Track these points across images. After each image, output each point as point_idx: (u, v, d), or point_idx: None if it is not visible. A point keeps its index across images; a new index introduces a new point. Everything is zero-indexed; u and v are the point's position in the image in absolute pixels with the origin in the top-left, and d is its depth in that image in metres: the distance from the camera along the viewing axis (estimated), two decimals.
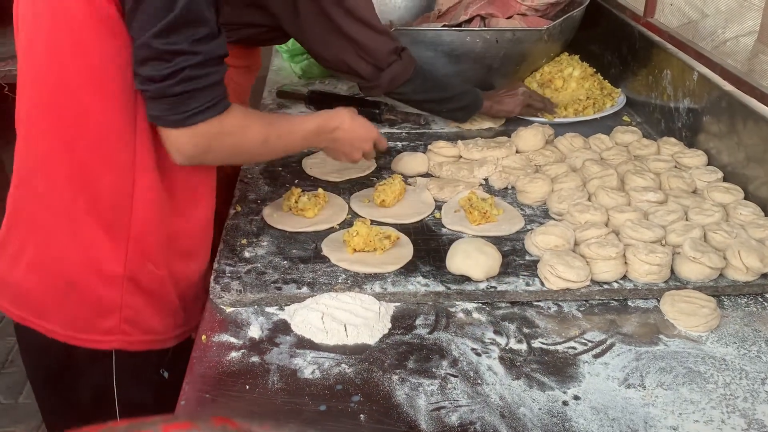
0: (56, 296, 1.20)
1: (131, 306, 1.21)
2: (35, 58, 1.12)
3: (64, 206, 1.15)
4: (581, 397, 1.05)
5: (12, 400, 2.62)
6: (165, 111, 1.08)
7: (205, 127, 1.10)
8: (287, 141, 1.31)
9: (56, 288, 1.19)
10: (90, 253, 1.17)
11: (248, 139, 1.19)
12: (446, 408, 1.02)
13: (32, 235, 1.19)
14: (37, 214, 1.18)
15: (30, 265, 1.20)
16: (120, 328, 1.22)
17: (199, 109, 1.08)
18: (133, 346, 1.24)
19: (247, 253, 1.35)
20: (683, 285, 1.27)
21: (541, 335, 1.17)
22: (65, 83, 1.10)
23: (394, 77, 1.69)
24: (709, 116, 1.66)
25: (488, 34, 1.94)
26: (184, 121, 1.08)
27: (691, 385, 1.07)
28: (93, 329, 1.21)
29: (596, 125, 1.92)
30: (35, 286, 1.21)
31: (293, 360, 1.11)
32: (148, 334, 1.25)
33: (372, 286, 1.25)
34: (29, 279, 1.21)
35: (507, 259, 1.33)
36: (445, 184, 1.59)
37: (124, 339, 1.23)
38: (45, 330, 1.22)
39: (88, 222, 1.15)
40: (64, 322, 1.21)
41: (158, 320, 1.26)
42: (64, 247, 1.17)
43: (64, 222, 1.16)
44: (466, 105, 1.84)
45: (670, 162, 1.62)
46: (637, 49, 2.02)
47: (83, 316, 1.20)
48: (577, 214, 1.41)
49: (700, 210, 1.42)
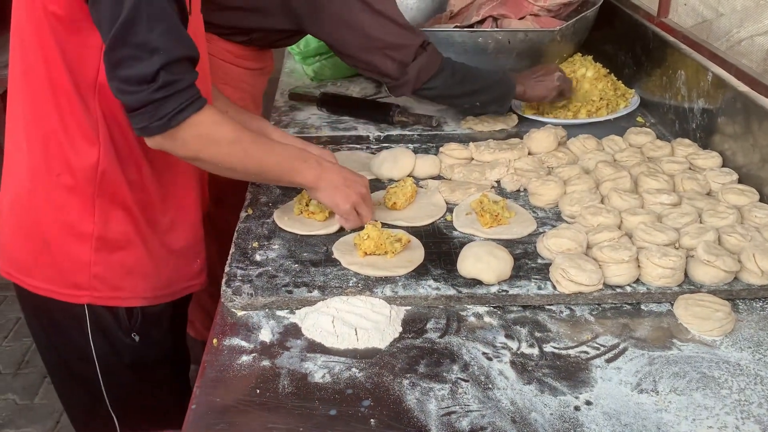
0: (35, 253, 1.31)
1: (100, 263, 1.31)
2: None
3: (38, 172, 1.26)
4: (593, 402, 1.04)
5: (28, 401, 2.65)
6: (149, 119, 1.13)
7: (187, 129, 1.15)
8: (268, 150, 1.30)
9: (34, 246, 1.31)
10: (62, 214, 1.27)
11: (220, 134, 1.21)
12: (457, 413, 1.02)
13: (13, 197, 1.32)
14: (16, 179, 1.30)
15: (12, 224, 1.33)
16: (89, 284, 1.31)
17: (177, 109, 1.13)
18: (100, 301, 1.34)
19: (258, 257, 1.36)
20: (697, 288, 1.26)
21: (553, 339, 1.17)
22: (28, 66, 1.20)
23: (421, 70, 1.68)
24: (723, 117, 1.64)
25: (500, 35, 1.93)
26: (168, 125, 1.14)
27: (705, 390, 1.06)
28: (67, 284, 1.32)
29: (610, 126, 1.91)
30: (18, 244, 1.34)
31: (304, 364, 1.11)
32: (115, 290, 1.34)
33: (383, 290, 1.25)
34: (13, 237, 1.34)
35: (519, 263, 1.32)
36: (456, 187, 1.58)
37: (93, 294, 1.32)
38: (28, 285, 1.34)
39: (59, 185, 1.25)
40: (43, 277, 1.32)
41: (127, 279, 1.34)
42: (39, 209, 1.28)
43: (39, 185, 1.26)
44: (500, 95, 1.80)
45: (684, 164, 1.61)
46: (650, 49, 2.01)
47: (58, 272, 1.31)
48: (589, 216, 1.40)
49: (715, 212, 1.40)
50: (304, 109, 2.11)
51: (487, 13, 2.17)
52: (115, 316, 1.37)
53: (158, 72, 1.09)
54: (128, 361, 1.41)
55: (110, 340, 1.38)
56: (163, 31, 1.10)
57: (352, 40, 1.65)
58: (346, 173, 1.40)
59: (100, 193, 1.26)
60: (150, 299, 1.39)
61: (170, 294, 1.43)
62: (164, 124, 1.13)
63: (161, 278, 1.39)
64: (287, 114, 2.08)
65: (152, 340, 1.42)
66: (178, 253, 1.41)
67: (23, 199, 1.31)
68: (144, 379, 1.44)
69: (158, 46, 1.09)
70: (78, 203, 1.26)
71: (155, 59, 1.09)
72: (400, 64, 1.67)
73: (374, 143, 1.88)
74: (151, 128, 1.14)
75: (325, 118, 2.04)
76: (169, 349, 1.50)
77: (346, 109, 2.05)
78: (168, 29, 1.11)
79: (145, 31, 1.08)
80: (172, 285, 1.43)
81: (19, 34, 1.21)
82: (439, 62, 1.70)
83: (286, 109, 2.12)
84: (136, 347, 1.41)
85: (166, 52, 1.10)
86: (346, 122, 2.01)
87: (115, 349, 1.39)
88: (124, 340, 1.39)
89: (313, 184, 1.35)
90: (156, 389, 1.49)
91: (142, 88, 1.10)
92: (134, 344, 1.40)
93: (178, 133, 1.15)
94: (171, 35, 1.11)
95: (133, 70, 1.10)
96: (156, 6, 1.09)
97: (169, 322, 1.46)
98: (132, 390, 1.45)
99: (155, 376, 1.48)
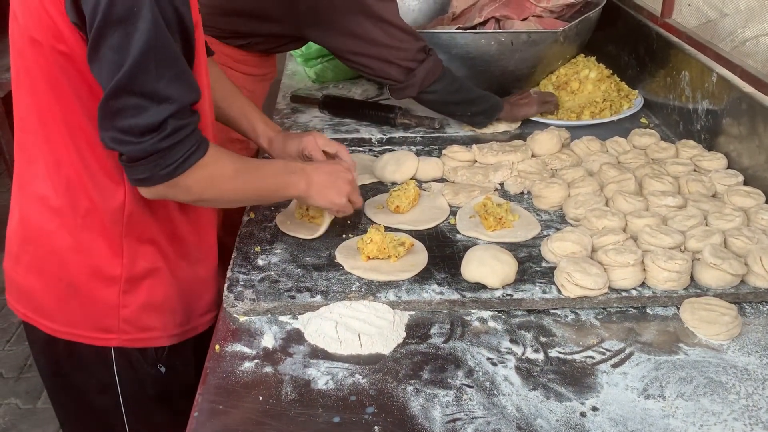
0: (58, 297, 1.23)
1: (129, 306, 1.24)
2: None
3: (62, 214, 1.18)
4: (599, 408, 1.03)
5: (30, 405, 2.64)
6: (153, 169, 1.06)
7: (192, 173, 1.09)
8: (260, 175, 1.27)
9: (58, 289, 1.23)
10: (89, 257, 1.20)
11: (219, 173, 1.16)
12: (462, 420, 1.01)
13: (33, 238, 1.22)
14: (37, 219, 1.20)
15: (32, 266, 1.24)
16: (119, 327, 1.25)
17: (185, 155, 1.07)
18: (131, 343, 1.27)
19: (260, 261, 1.35)
20: (703, 292, 1.25)
21: (558, 344, 1.16)
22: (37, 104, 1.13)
23: (428, 74, 1.70)
24: (728, 118, 1.63)
25: (503, 37, 1.92)
26: (174, 173, 1.07)
27: (713, 395, 1.05)
28: (93, 328, 1.25)
29: (613, 127, 1.90)
30: (38, 286, 1.25)
31: (307, 370, 1.10)
32: (145, 332, 1.28)
33: (386, 294, 1.24)
34: (32, 279, 1.25)
35: (523, 266, 1.31)
36: (460, 189, 1.57)
37: (123, 337, 1.26)
38: (48, 329, 1.26)
39: (85, 227, 1.18)
40: (66, 321, 1.25)
41: (156, 319, 1.28)
42: (63, 251, 1.20)
43: (65, 228, 1.18)
44: (489, 107, 1.85)
45: (689, 165, 1.60)
46: (654, 50, 1.99)
47: (84, 316, 1.24)
48: (594, 219, 1.39)
49: (721, 215, 1.39)
50: (306, 112, 2.10)
51: (490, 15, 2.16)
52: (144, 354, 1.31)
53: (166, 120, 1.03)
54: (152, 393, 1.35)
55: (137, 375, 1.32)
56: (172, 78, 1.03)
57: (355, 46, 1.65)
58: (329, 168, 1.38)
59: (128, 232, 1.20)
60: (177, 336, 1.33)
61: (193, 329, 1.37)
62: (170, 173, 1.07)
63: (187, 310, 1.34)
64: (289, 116, 2.07)
65: (177, 371, 1.37)
66: (203, 282, 1.36)
67: (45, 241, 1.21)
68: (166, 409, 1.39)
69: (169, 95, 1.03)
70: (105, 245, 1.19)
71: (163, 108, 1.03)
72: (405, 68, 1.68)
73: (377, 145, 1.87)
74: (154, 178, 1.07)
75: (327, 120, 2.03)
76: (193, 379, 1.45)
77: (348, 112, 2.04)
78: (176, 75, 1.04)
79: (154, 79, 1.01)
80: (197, 319, 1.37)
81: (27, 74, 1.12)
82: (441, 67, 1.73)
83: (287, 111, 2.11)
84: (161, 379, 1.35)
85: (177, 100, 1.04)
86: (348, 124, 2.00)
87: (141, 382, 1.34)
88: (150, 372, 1.33)
89: (305, 194, 1.33)
90: (178, 418, 1.44)
91: (146, 138, 1.03)
92: (160, 375, 1.35)
93: (182, 180, 1.09)
94: (180, 82, 1.05)
95: (137, 119, 1.02)
96: (166, 52, 1.02)
97: (191, 350, 1.41)
98: (153, 420, 1.40)
99: (178, 405, 1.41)
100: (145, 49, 0.99)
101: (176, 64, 1.04)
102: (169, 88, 1.03)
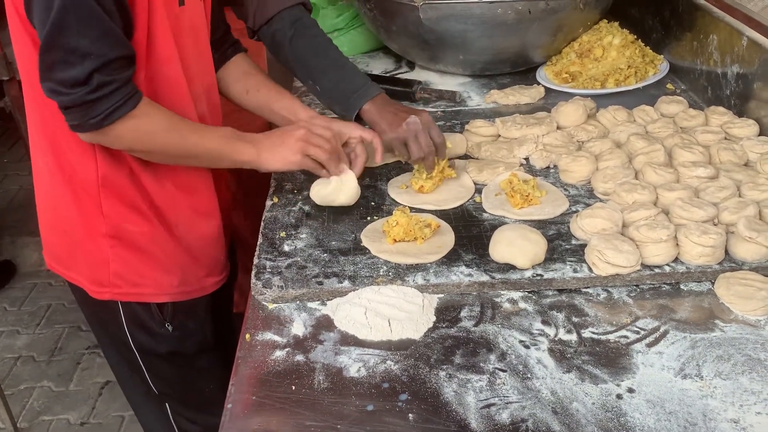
0: (69, 248, 1.37)
1: (117, 260, 1.33)
2: None
3: (54, 174, 1.29)
4: (636, 389, 1.01)
5: (63, 387, 2.68)
6: (81, 117, 1.14)
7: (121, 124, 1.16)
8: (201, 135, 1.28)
9: (68, 242, 1.36)
10: (79, 213, 1.31)
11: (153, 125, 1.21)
12: (496, 405, 1.00)
13: (42, 194, 1.37)
14: (43, 179, 1.34)
15: (46, 221, 1.39)
16: (110, 281, 1.35)
17: (112, 108, 1.14)
18: (121, 297, 1.36)
19: (286, 247, 1.34)
20: (738, 266, 1.22)
21: (591, 324, 1.14)
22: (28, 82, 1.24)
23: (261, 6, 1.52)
24: (760, 82, 1.58)
25: (520, 5, 1.86)
26: (101, 123, 1.15)
27: (752, 373, 1.03)
28: (93, 281, 1.36)
29: (639, 95, 1.85)
30: (55, 239, 1.39)
31: (338, 358, 1.10)
32: (135, 287, 1.36)
33: (414, 278, 1.23)
34: (50, 233, 1.40)
35: (552, 245, 1.29)
36: (484, 166, 1.54)
37: (115, 291, 1.36)
38: (69, 277, 1.40)
39: (73, 186, 1.29)
40: (78, 271, 1.38)
41: (147, 276, 1.36)
42: (60, 208, 1.33)
43: (57, 186, 1.30)
44: (349, 91, 1.52)
45: (719, 133, 1.55)
46: (680, 12, 1.93)
47: (86, 267, 1.36)
48: (624, 194, 1.36)
49: (754, 185, 1.35)
50: None
51: None
52: (146, 309, 1.39)
53: (91, 75, 1.10)
54: (164, 351, 1.43)
55: (146, 331, 1.41)
56: (96, 36, 1.09)
57: None
58: (279, 131, 1.37)
59: (107, 194, 1.29)
60: (175, 295, 1.39)
61: (199, 289, 1.43)
62: (98, 123, 1.14)
63: (185, 274, 1.40)
64: (307, 95, 2.04)
65: (188, 331, 1.43)
66: (200, 249, 1.41)
67: (49, 198, 1.36)
68: (184, 367, 1.46)
69: (89, 51, 1.09)
70: (89, 203, 1.30)
71: (86, 64, 1.09)
72: None
73: None
74: (85, 126, 1.15)
75: None
76: (209, 338, 1.50)
77: None
78: (102, 32, 1.10)
79: (75, 35, 1.08)
80: (200, 281, 1.43)
81: (15, 41, 1.21)
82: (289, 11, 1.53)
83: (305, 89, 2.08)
84: (172, 337, 1.42)
85: (98, 57, 1.10)
86: None
87: (151, 340, 1.42)
88: (158, 331, 1.41)
89: (255, 157, 1.32)
90: (198, 377, 1.50)
91: (75, 90, 1.11)
92: (169, 334, 1.41)
93: (110, 130, 1.16)
94: (105, 39, 1.10)
95: (66, 73, 1.10)
96: (86, 10, 1.07)
97: (204, 312, 1.46)
98: (173, 378, 1.48)
99: (195, 364, 1.48)
100: (64, 7, 1.06)
101: (100, 21, 1.09)
102: (93, 45, 1.09)
